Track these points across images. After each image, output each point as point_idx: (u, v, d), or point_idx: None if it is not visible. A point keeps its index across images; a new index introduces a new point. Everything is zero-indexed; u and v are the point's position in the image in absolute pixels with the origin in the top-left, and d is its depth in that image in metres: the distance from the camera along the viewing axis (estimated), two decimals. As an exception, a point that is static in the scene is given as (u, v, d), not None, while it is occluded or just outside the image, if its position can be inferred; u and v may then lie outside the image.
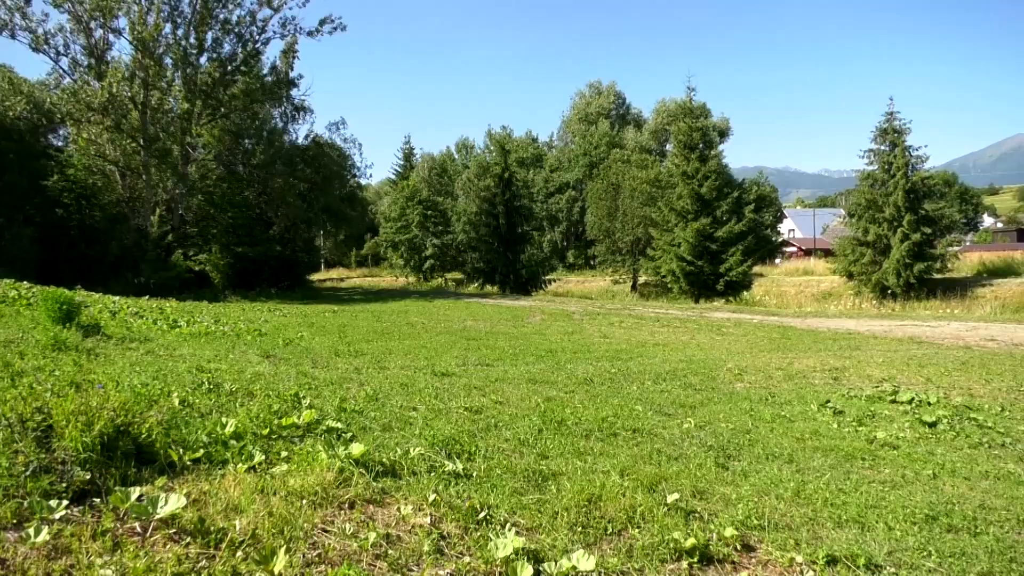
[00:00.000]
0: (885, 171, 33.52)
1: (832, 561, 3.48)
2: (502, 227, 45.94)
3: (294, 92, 41.27)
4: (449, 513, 3.64)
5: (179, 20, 33.20)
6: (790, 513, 4.17)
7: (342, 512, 3.53)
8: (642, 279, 45.15)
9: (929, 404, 7.91)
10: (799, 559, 3.47)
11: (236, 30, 34.87)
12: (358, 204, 54.05)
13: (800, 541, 3.71)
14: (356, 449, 4.30)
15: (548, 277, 49.00)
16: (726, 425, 6.67)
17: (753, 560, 3.51)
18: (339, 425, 5.22)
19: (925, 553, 3.67)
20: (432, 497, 3.76)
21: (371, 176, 75.97)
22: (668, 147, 66.08)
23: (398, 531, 3.38)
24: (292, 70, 40.08)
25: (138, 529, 3.00)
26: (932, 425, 6.96)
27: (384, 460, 4.39)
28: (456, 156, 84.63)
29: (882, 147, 34.08)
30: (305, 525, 3.25)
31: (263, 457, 4.17)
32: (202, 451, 4.09)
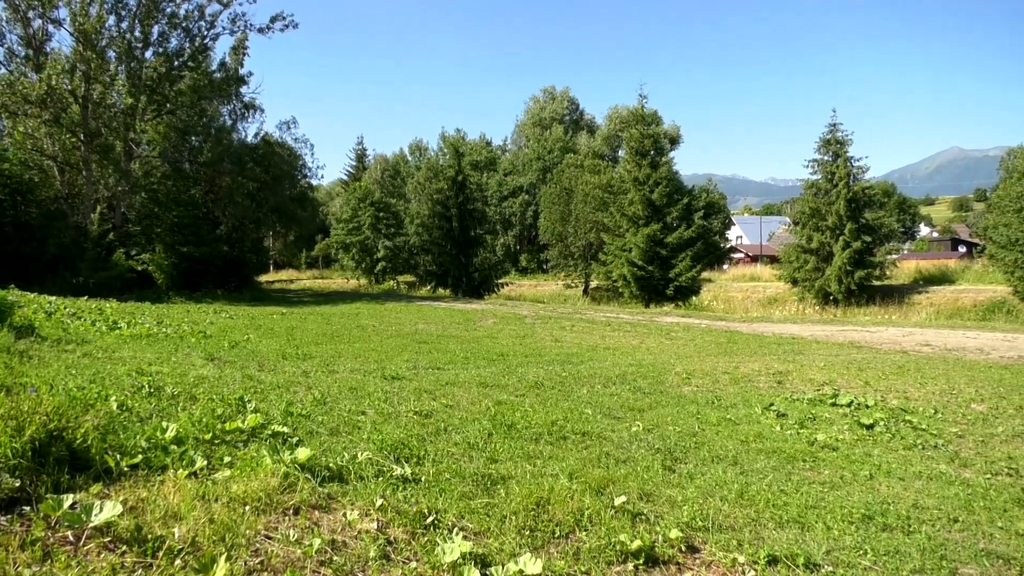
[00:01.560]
0: (828, 181, 34.60)
1: (773, 561, 3.56)
2: (455, 230, 45.81)
3: (244, 89, 40.53)
4: (396, 518, 3.60)
5: (123, 12, 32.27)
6: (734, 514, 4.25)
7: (286, 518, 3.46)
8: (594, 283, 45.57)
9: (867, 407, 8.17)
10: (741, 559, 3.54)
11: (184, 24, 34.05)
12: (309, 205, 53.15)
13: (743, 542, 3.79)
14: (302, 454, 4.23)
15: (501, 281, 49.01)
16: (673, 428, 6.77)
17: (697, 561, 3.57)
18: (285, 429, 5.13)
19: (861, 552, 3.79)
20: (379, 502, 3.72)
21: (322, 177, 75.22)
22: (620, 153, 66.93)
23: (344, 537, 3.33)
24: (242, 67, 39.39)
25: (70, 538, 2.89)
26: (869, 427, 7.19)
27: (331, 465, 4.33)
28: (409, 158, 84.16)
29: (825, 157, 35.18)
30: (247, 532, 3.17)
31: (205, 462, 4.06)
32: (141, 457, 3.97)
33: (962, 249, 76.47)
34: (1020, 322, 25.67)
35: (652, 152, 38.40)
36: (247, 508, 3.42)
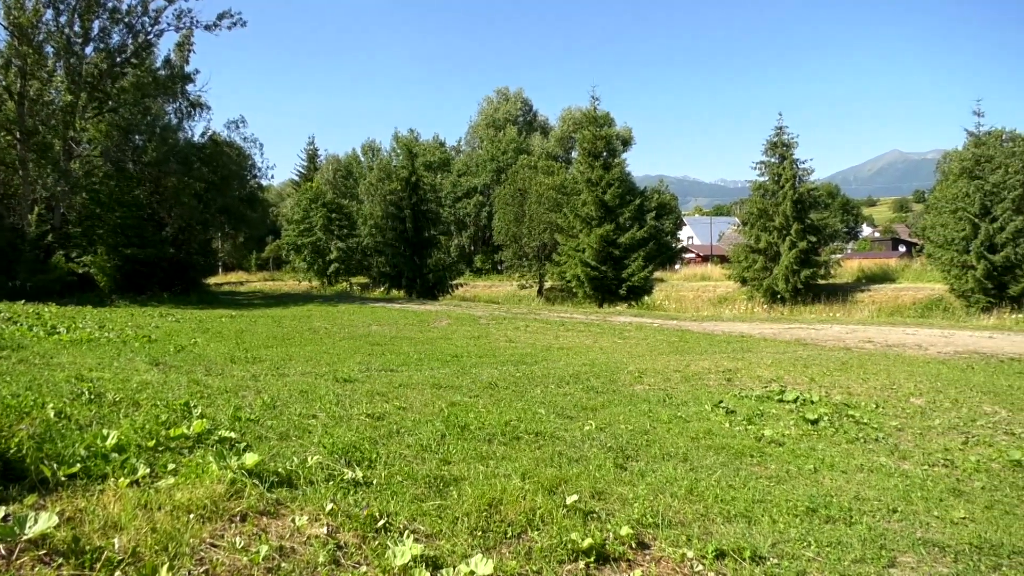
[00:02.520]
0: (775, 182, 35.42)
1: (721, 555, 3.63)
2: (409, 231, 45.51)
3: (190, 87, 39.47)
4: (347, 522, 3.56)
5: (61, 6, 31.15)
6: (683, 510, 4.32)
7: (233, 525, 3.38)
8: (548, 284, 45.78)
9: (812, 402, 8.39)
10: (690, 554, 3.60)
11: (126, 20, 33.03)
12: (259, 205, 52.12)
13: (692, 537, 3.85)
14: (250, 459, 4.15)
15: (455, 282, 48.88)
16: (625, 426, 6.84)
17: (647, 557, 3.61)
18: (233, 435, 5.01)
19: (805, 544, 3.89)
20: (329, 507, 3.67)
21: (273, 177, 73.48)
22: (573, 154, 67.36)
23: (292, 543, 3.27)
24: (187, 64, 38.42)
25: (2, 552, 2.77)
26: (814, 422, 7.39)
27: (280, 470, 4.25)
28: (362, 158, 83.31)
29: (772, 159, 36.00)
30: (192, 540, 3.09)
31: (148, 470, 3.95)
32: (79, 466, 3.84)
33: (902, 249, 79.17)
34: (956, 319, 26.71)
35: (605, 153, 38.80)
36: (191, 516, 3.34)
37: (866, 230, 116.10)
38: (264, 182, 54.29)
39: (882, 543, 4.00)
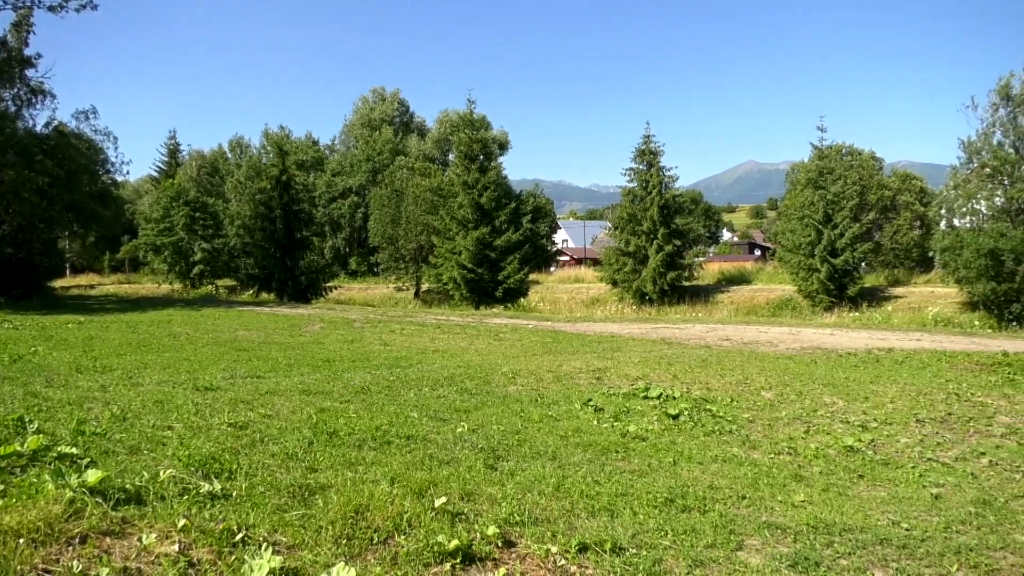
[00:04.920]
0: (643, 188, 37.08)
1: (583, 548, 3.74)
2: (279, 232, 43.81)
3: (30, 72, 35.93)
4: (201, 538, 3.37)
5: None
6: (550, 507, 4.42)
7: (71, 548, 3.12)
8: (425, 286, 45.55)
9: (674, 398, 8.84)
10: (554, 550, 3.68)
11: (-47, -4, 29.79)
12: (112, 203, 48.24)
13: (557, 533, 3.94)
14: (92, 476, 3.83)
15: (329, 284, 47.55)
16: (498, 427, 6.91)
17: (513, 555, 3.67)
18: (74, 451, 4.62)
19: (662, 533, 4.09)
20: (182, 522, 3.46)
21: (128, 173, 68.35)
22: (450, 157, 67.46)
23: (139, 563, 3.06)
24: (27, 46, 35.05)
25: None
26: (675, 417, 7.79)
27: (128, 486, 3.96)
28: (229, 155, 79.41)
29: (640, 166, 37.69)
30: (21, 568, 2.83)
31: (-30, 494, 3.58)
32: None
33: (757, 252, 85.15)
34: (803, 317, 29.03)
35: (481, 157, 39.16)
36: (21, 541, 3.05)
37: (726, 235, 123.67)
38: (119, 178, 50.21)
39: (731, 528, 4.27)
